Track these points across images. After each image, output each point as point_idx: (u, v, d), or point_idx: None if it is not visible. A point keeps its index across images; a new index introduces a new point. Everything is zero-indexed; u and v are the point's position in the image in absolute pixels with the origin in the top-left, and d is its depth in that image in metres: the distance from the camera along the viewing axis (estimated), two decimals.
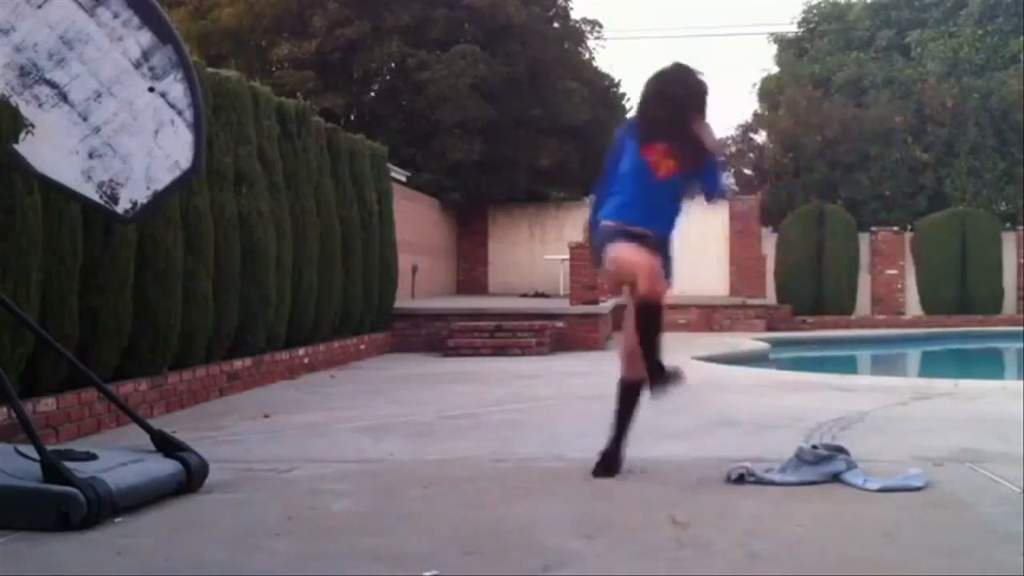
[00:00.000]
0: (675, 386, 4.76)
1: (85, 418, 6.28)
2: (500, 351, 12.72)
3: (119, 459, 4.45)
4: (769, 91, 28.41)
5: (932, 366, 15.68)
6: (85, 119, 4.70)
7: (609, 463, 4.91)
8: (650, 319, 4.72)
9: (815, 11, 28.56)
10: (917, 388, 8.83)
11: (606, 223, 4.89)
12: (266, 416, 7.22)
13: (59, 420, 6.00)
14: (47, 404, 5.91)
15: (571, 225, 22.20)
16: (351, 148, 12.19)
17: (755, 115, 28.35)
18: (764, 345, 14.65)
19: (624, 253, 4.75)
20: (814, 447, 4.92)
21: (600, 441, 5.09)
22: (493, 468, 5.23)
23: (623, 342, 5.08)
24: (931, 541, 3.74)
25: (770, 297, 19.28)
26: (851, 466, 4.79)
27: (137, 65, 4.72)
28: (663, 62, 4.97)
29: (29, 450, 4.18)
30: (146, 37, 4.72)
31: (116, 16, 4.70)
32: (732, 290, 19.46)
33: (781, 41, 29.09)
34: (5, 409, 5.30)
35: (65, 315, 6.12)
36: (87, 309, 6.40)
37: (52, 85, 4.66)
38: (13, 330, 5.47)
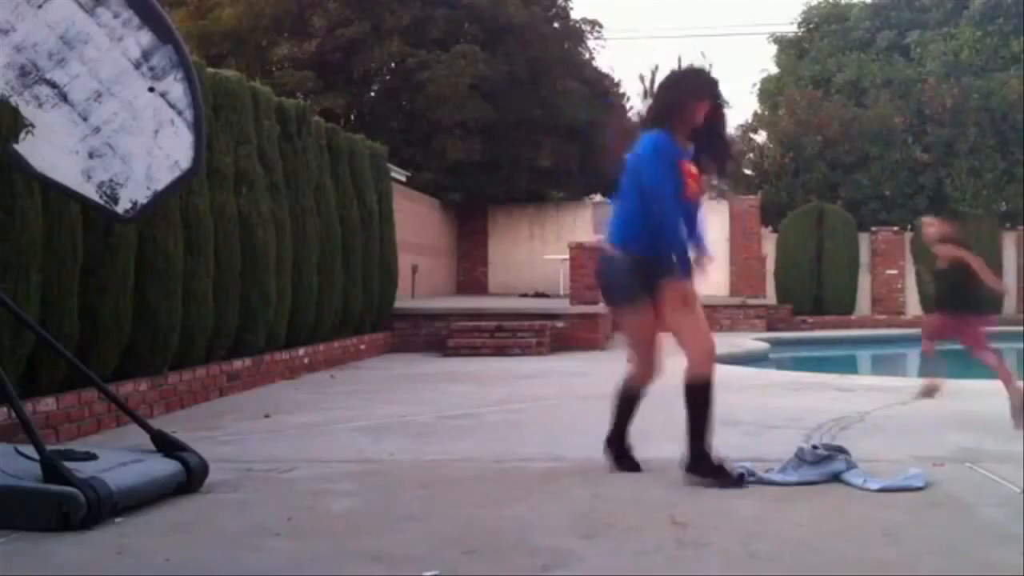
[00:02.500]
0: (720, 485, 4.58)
1: (85, 418, 6.28)
2: (500, 351, 12.72)
3: (119, 459, 4.45)
4: (769, 91, 28.40)
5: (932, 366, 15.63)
6: (85, 119, 4.70)
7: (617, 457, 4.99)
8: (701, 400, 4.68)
9: (815, 12, 28.54)
10: (917, 388, 8.81)
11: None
12: (266, 416, 7.22)
13: (59, 420, 6.00)
14: (47, 404, 5.91)
15: (571, 225, 22.23)
16: (351, 148, 12.19)
17: (755, 115, 28.35)
18: (764, 345, 14.64)
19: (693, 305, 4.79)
20: (814, 447, 4.91)
21: (599, 441, 5.09)
22: (493, 468, 5.23)
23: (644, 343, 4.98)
24: (931, 541, 3.74)
25: (770, 297, 19.27)
26: (851, 466, 4.78)
27: (137, 65, 4.72)
28: (665, 63, 4.89)
29: (29, 450, 4.17)
30: (146, 37, 4.72)
31: (116, 16, 4.70)
32: (732, 290, 19.46)
33: (781, 41, 29.07)
34: (5, 409, 5.30)
35: (65, 315, 6.12)
36: (87, 309, 6.39)
37: (52, 85, 4.66)
38: (13, 330, 5.47)
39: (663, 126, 4.74)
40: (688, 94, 4.78)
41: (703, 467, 4.65)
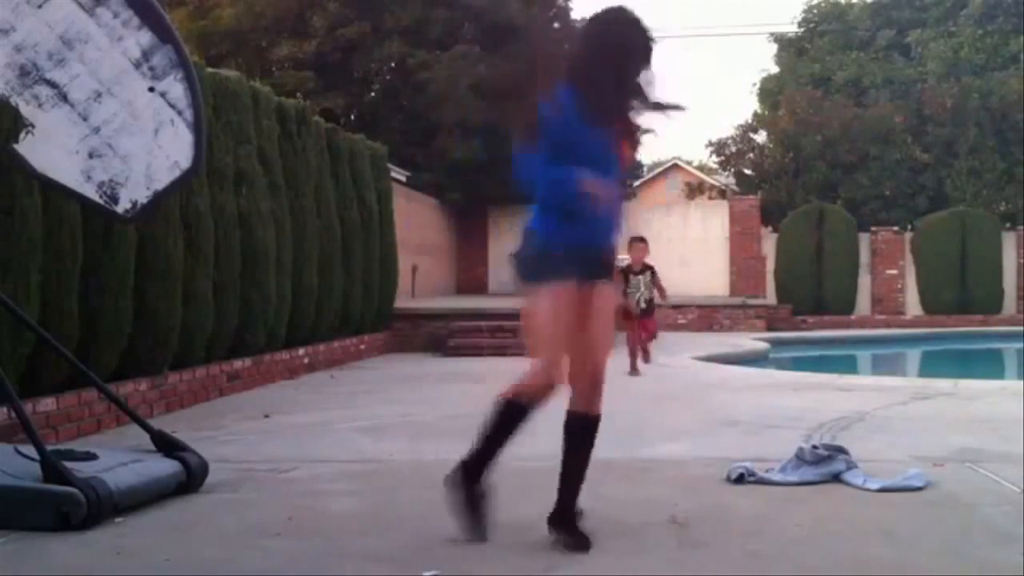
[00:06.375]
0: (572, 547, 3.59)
1: (85, 418, 6.28)
2: (501, 351, 12.71)
3: (119, 459, 4.45)
4: (769, 91, 28.44)
5: (932, 366, 15.67)
6: (85, 119, 4.70)
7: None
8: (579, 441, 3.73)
9: (815, 11, 28.58)
10: (917, 388, 8.82)
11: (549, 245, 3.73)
12: (266, 416, 7.22)
13: (59, 420, 6.00)
14: (47, 404, 5.91)
15: None
16: (351, 148, 12.19)
17: (755, 115, 28.36)
18: (764, 345, 14.64)
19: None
20: (814, 447, 4.91)
21: (599, 440, 5.07)
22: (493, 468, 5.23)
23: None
24: (931, 541, 3.74)
25: (770, 297, 19.27)
26: (851, 466, 4.78)
27: (137, 65, 4.72)
28: (665, 63, 4.19)
29: (29, 450, 4.17)
30: (146, 37, 4.72)
31: (116, 16, 4.70)
32: (732, 290, 19.46)
33: (781, 41, 29.11)
34: (5, 409, 5.30)
35: (65, 315, 6.12)
36: (87, 309, 6.39)
37: (52, 85, 4.66)
38: (13, 330, 5.47)
39: None
40: None
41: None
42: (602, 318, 3.78)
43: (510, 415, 3.83)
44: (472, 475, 3.78)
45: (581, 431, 3.81)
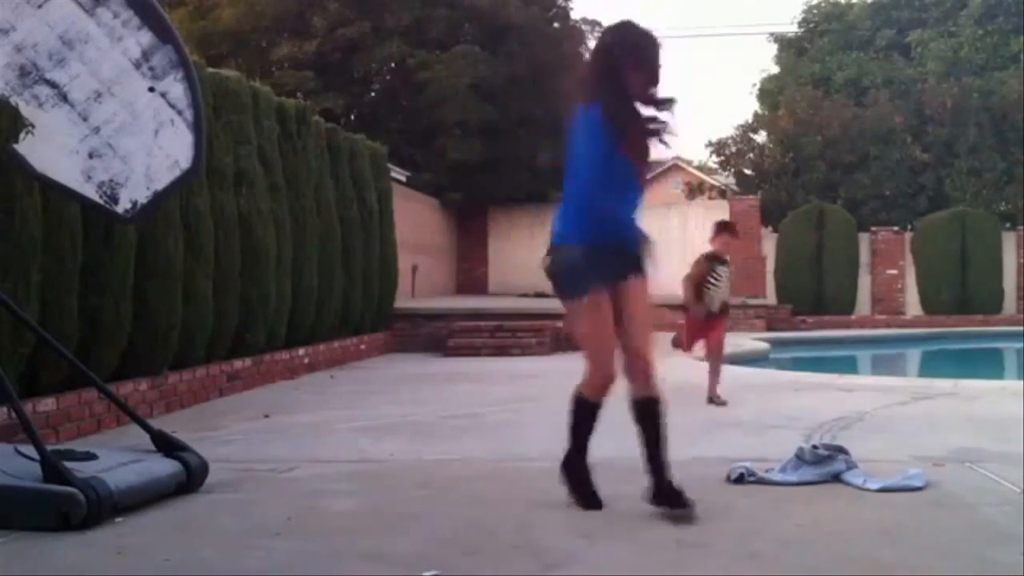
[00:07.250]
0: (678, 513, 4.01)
1: (85, 418, 6.28)
2: (500, 351, 12.72)
3: (119, 459, 4.45)
4: (769, 91, 28.42)
5: (932, 366, 15.65)
6: (85, 119, 4.70)
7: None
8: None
9: (815, 11, 28.54)
10: (917, 388, 8.82)
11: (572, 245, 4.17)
12: (266, 416, 7.22)
13: (59, 420, 6.00)
14: (47, 404, 5.91)
15: None
16: (351, 148, 12.19)
17: (755, 115, 28.35)
18: (764, 345, 14.62)
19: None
20: (814, 447, 4.91)
21: (598, 441, 5.08)
22: (493, 468, 5.24)
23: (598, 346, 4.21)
24: (931, 541, 3.74)
25: (770, 297, 19.25)
26: (851, 466, 4.79)
27: (137, 65, 4.72)
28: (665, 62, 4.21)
29: (29, 450, 4.18)
30: (146, 37, 4.72)
31: (116, 16, 4.70)
32: (732, 290, 19.43)
33: (781, 41, 29.07)
34: (5, 409, 5.30)
35: (65, 315, 6.12)
36: (87, 309, 6.39)
37: (52, 85, 4.66)
38: (13, 330, 5.46)
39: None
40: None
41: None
42: (638, 312, 4.22)
43: (583, 412, 4.33)
44: (573, 464, 4.33)
45: (647, 414, 4.19)
